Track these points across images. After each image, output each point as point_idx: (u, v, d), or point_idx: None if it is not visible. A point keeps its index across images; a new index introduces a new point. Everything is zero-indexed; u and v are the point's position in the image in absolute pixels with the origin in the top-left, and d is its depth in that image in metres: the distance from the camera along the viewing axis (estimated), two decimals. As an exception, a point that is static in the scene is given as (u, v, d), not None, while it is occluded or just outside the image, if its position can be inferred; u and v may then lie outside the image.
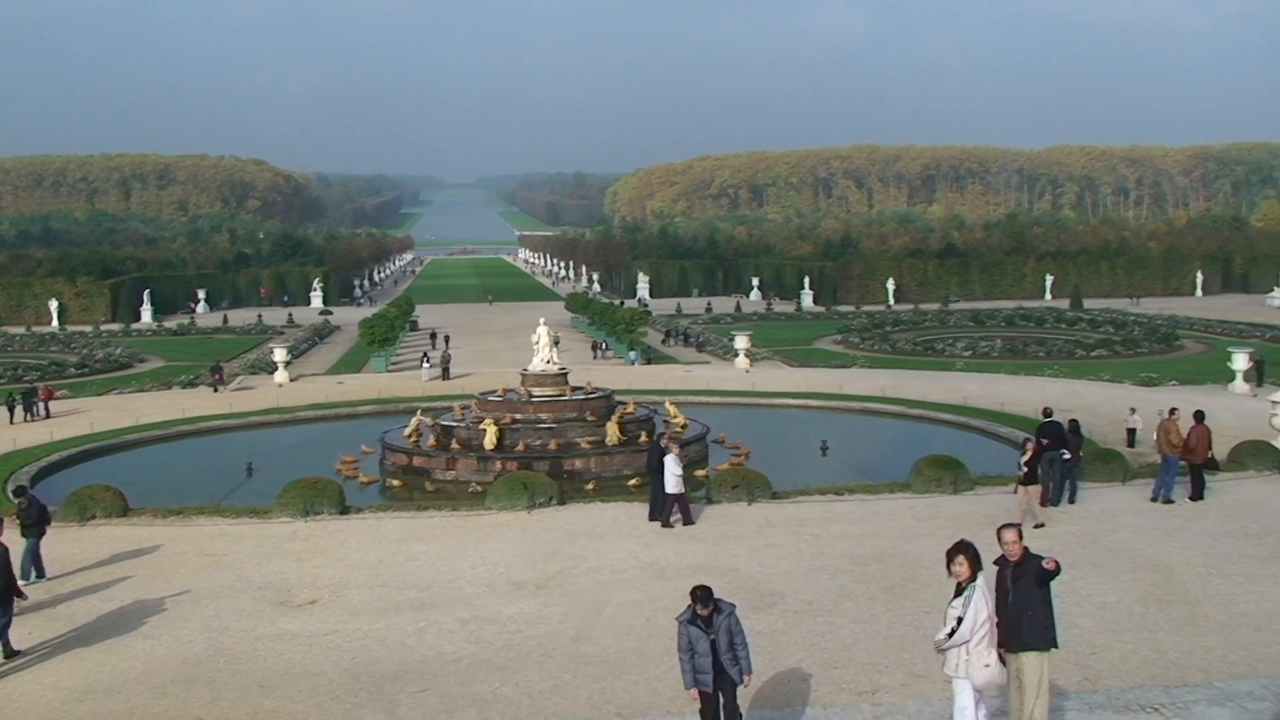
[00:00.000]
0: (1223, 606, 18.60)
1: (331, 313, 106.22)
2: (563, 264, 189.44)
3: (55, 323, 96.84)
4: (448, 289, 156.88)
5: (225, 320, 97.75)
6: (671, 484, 25.00)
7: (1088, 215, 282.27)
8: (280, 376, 55.04)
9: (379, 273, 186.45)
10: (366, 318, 72.48)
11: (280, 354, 56.52)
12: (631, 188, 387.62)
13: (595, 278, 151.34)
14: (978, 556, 12.49)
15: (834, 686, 15.39)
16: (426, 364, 57.27)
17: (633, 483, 31.90)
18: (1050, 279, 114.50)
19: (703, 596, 12.68)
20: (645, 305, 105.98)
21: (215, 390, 51.91)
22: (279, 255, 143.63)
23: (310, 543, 23.99)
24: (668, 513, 25.01)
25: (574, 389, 38.22)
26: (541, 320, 40.28)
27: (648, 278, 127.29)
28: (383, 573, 21.54)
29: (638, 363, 63.26)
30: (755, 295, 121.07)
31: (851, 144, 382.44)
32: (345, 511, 26.62)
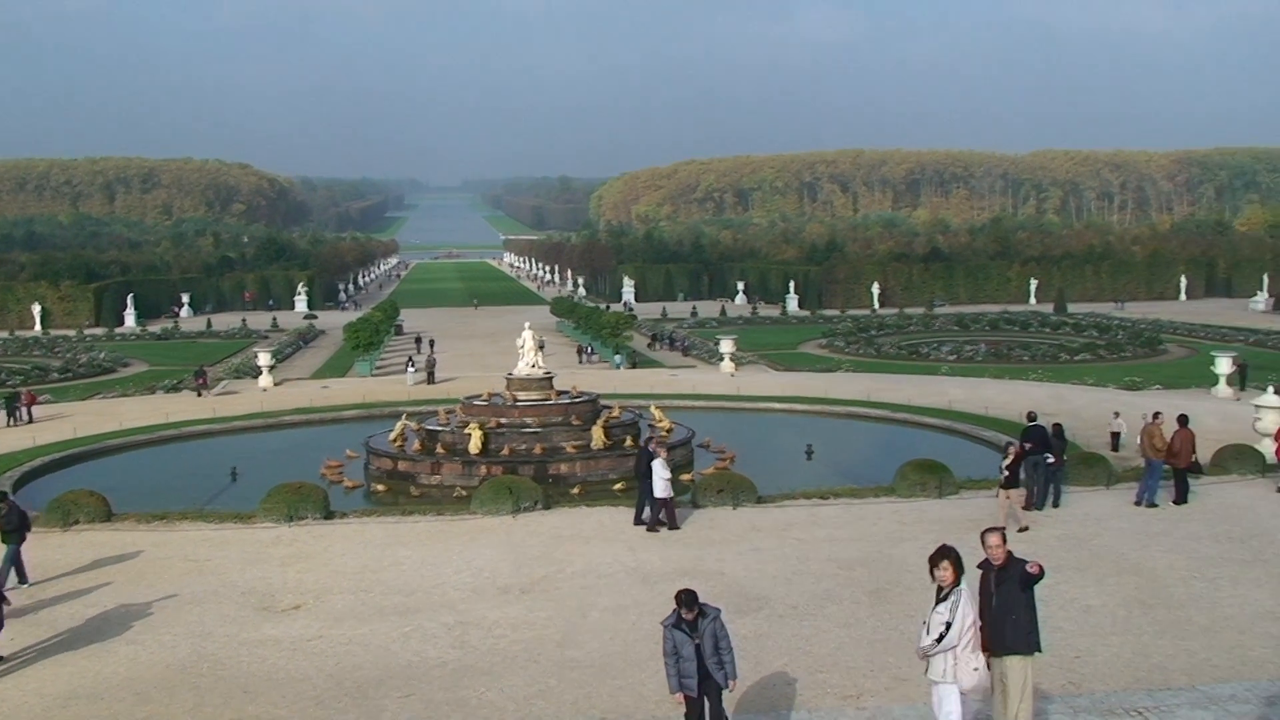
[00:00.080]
0: (1206, 610, 18.67)
1: (316, 317, 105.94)
2: (548, 268, 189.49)
3: (38, 327, 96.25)
4: (433, 293, 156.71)
5: (209, 324, 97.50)
6: (660, 488, 25.00)
7: (1072, 219, 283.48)
8: (264, 381, 54.92)
9: (364, 277, 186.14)
10: (351, 322, 72.22)
11: (264, 358, 56.39)
12: (617, 192, 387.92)
13: (580, 282, 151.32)
14: (961, 561, 12.51)
15: (819, 690, 15.40)
16: (411, 368, 57.17)
17: (618, 487, 31.93)
18: (1035, 283, 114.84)
19: (687, 600, 12.68)
20: (631, 309, 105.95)
21: (199, 395, 51.69)
22: (263, 259, 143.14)
23: (294, 548, 23.92)
24: (654, 516, 25.00)
25: (559, 393, 38.17)
26: (526, 324, 40.22)
27: (633, 282, 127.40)
28: (367, 578, 21.48)
29: (623, 367, 63.28)
30: (740, 299, 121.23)
31: (837, 148, 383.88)
32: (329, 516, 26.55)
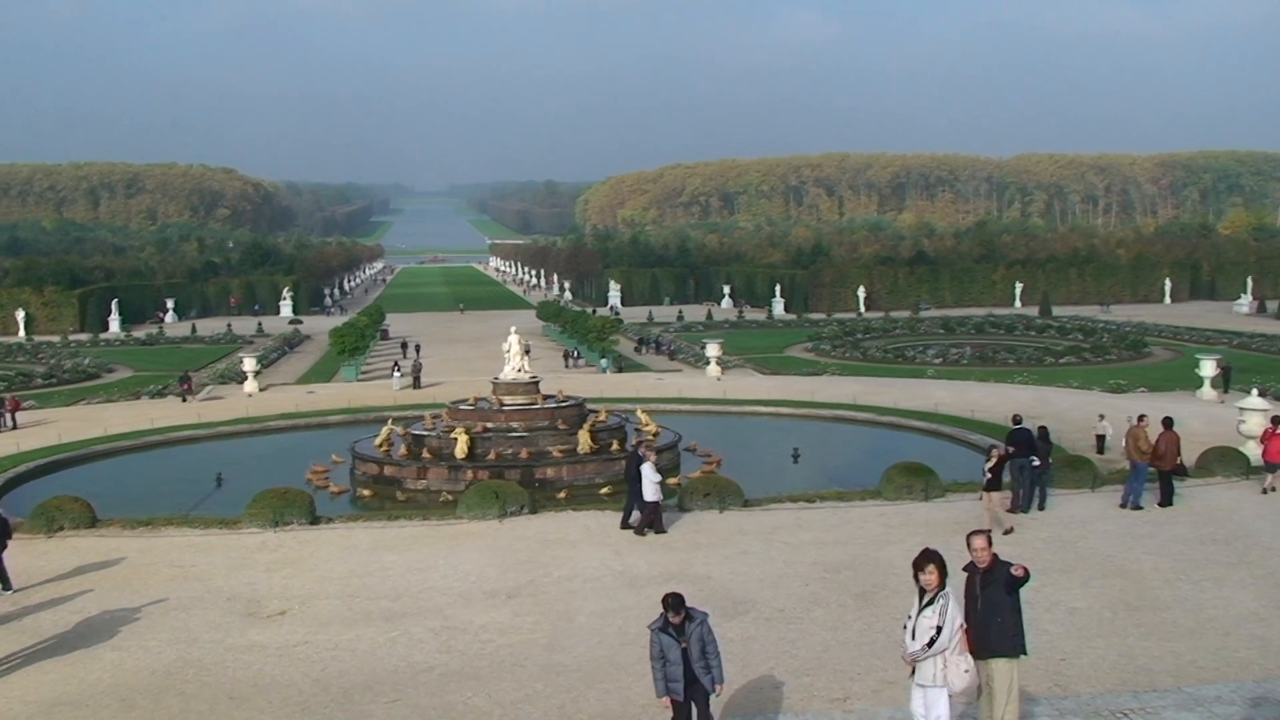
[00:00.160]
0: (1191, 612, 18.72)
1: (301, 322, 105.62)
2: (534, 272, 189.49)
3: (22, 333, 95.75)
4: (418, 297, 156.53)
5: (194, 330, 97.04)
6: (650, 491, 25.01)
7: (1056, 223, 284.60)
8: (250, 386, 54.77)
9: (349, 281, 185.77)
10: (337, 326, 72.02)
11: (250, 363, 56.22)
12: (603, 196, 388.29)
13: (566, 286, 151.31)
14: (945, 564, 12.53)
15: (806, 694, 15.41)
16: (397, 373, 57.08)
17: (605, 491, 31.93)
18: (1020, 286, 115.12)
19: (674, 604, 12.67)
20: (617, 313, 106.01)
21: (184, 400, 51.55)
22: (248, 264, 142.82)
23: (280, 553, 23.85)
24: (643, 521, 25.01)
25: (545, 397, 38.14)
26: (513, 329, 40.20)
27: (619, 286, 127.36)
28: (353, 583, 21.43)
29: (609, 371, 63.25)
30: (726, 303, 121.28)
31: (822, 152, 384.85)
32: (315, 522, 26.47)
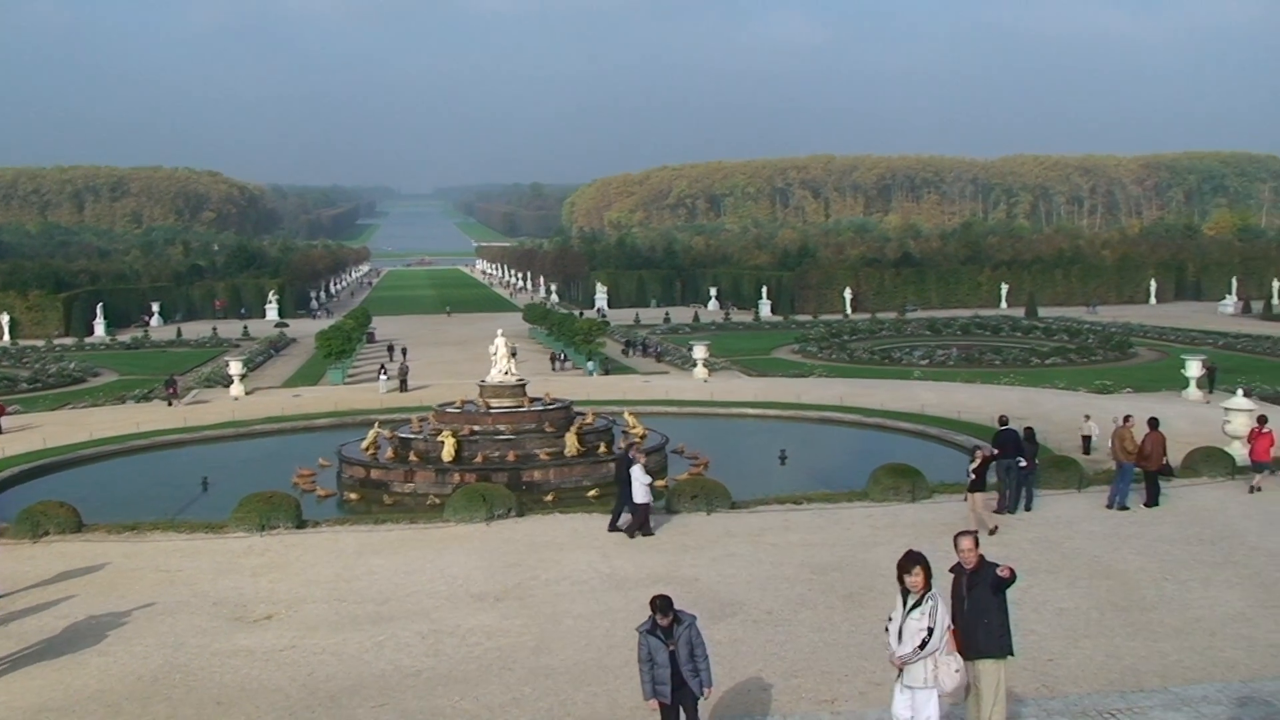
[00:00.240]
0: (1178, 612, 18.78)
1: (287, 325, 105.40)
2: (520, 275, 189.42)
3: (6, 337, 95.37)
4: (405, 300, 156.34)
5: (179, 333, 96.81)
6: (640, 493, 25.01)
7: (1042, 224, 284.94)
8: (236, 389, 54.59)
9: (335, 284, 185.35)
10: (323, 330, 71.93)
11: (236, 367, 56.06)
12: (589, 198, 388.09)
13: (553, 288, 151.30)
14: (930, 566, 12.55)
15: (794, 695, 15.42)
16: (384, 376, 57.00)
17: (592, 494, 31.89)
18: (1005, 288, 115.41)
19: (662, 606, 12.64)
20: (603, 316, 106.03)
21: (170, 404, 51.40)
22: (234, 267, 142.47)
23: (266, 557, 23.78)
24: (634, 523, 25.00)
25: (532, 400, 38.09)
26: (499, 331, 40.17)
27: (605, 288, 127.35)
28: (340, 587, 21.38)
29: (596, 373, 63.23)
30: (713, 305, 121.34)
31: (808, 154, 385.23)
32: (302, 525, 26.40)
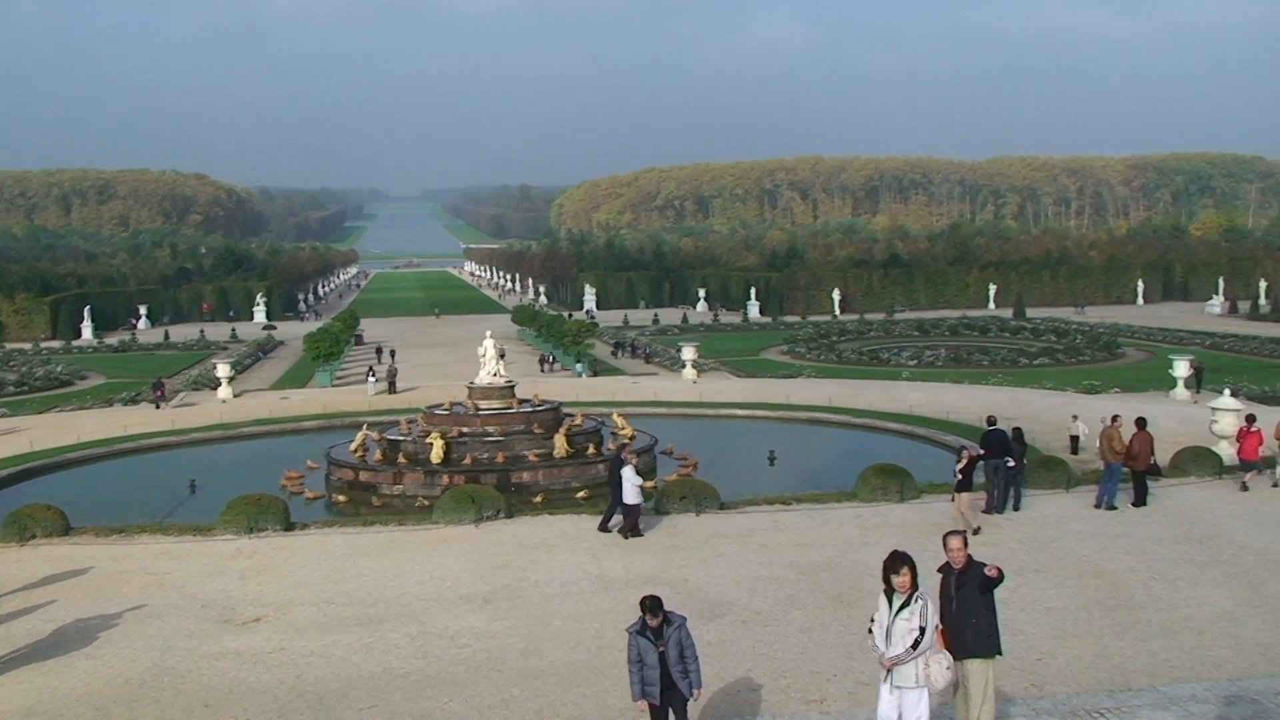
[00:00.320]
0: (1166, 611, 18.82)
1: (275, 327, 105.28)
2: (509, 276, 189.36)
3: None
4: (393, 302, 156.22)
5: (167, 336, 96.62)
6: (631, 494, 25.02)
7: (1029, 225, 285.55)
8: (223, 392, 54.48)
9: (323, 287, 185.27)
10: (311, 332, 71.81)
11: (223, 369, 55.96)
12: (577, 200, 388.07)
13: (542, 290, 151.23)
14: (915, 566, 12.59)
15: (783, 696, 15.42)
16: (372, 378, 56.93)
17: (581, 495, 31.86)
18: (993, 288, 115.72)
19: (652, 606, 12.63)
20: (592, 317, 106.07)
21: (157, 407, 51.26)
22: (221, 270, 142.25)
23: (254, 560, 23.73)
24: (627, 524, 25.00)
25: (521, 401, 38.05)
26: (488, 333, 40.13)
27: (594, 290, 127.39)
28: (328, 589, 21.34)
29: (585, 375, 63.22)
30: (702, 306, 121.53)
31: (796, 156, 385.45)
32: (290, 528, 26.35)
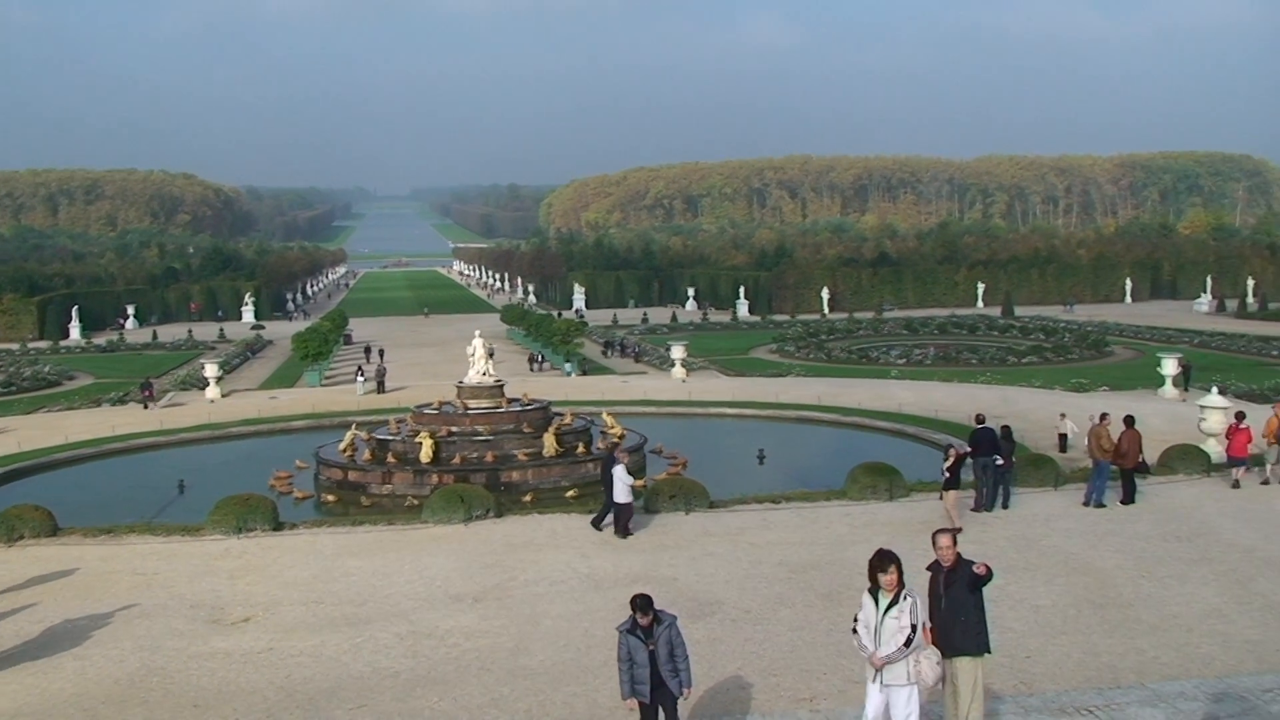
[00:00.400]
0: (1154, 608, 18.86)
1: (264, 327, 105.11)
2: (498, 276, 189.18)
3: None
4: (382, 302, 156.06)
5: (155, 336, 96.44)
6: (622, 493, 25.03)
7: (1018, 224, 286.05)
8: (212, 392, 54.37)
9: (312, 286, 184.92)
10: (299, 332, 71.74)
11: (212, 369, 55.84)
12: (566, 199, 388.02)
13: (531, 289, 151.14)
14: (901, 564, 12.62)
15: (773, 694, 15.42)
16: (361, 377, 56.87)
17: (570, 494, 31.86)
18: (982, 287, 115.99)
19: (643, 605, 12.62)
20: (581, 316, 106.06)
21: (146, 407, 51.16)
22: (209, 270, 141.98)
23: (243, 560, 23.68)
24: (620, 522, 25.01)
25: (510, 401, 38.02)
26: (477, 332, 40.08)
27: (583, 289, 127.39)
28: (318, 589, 21.30)
29: (574, 374, 63.21)
30: (691, 305, 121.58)
31: (785, 155, 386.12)
32: (279, 528, 26.29)
